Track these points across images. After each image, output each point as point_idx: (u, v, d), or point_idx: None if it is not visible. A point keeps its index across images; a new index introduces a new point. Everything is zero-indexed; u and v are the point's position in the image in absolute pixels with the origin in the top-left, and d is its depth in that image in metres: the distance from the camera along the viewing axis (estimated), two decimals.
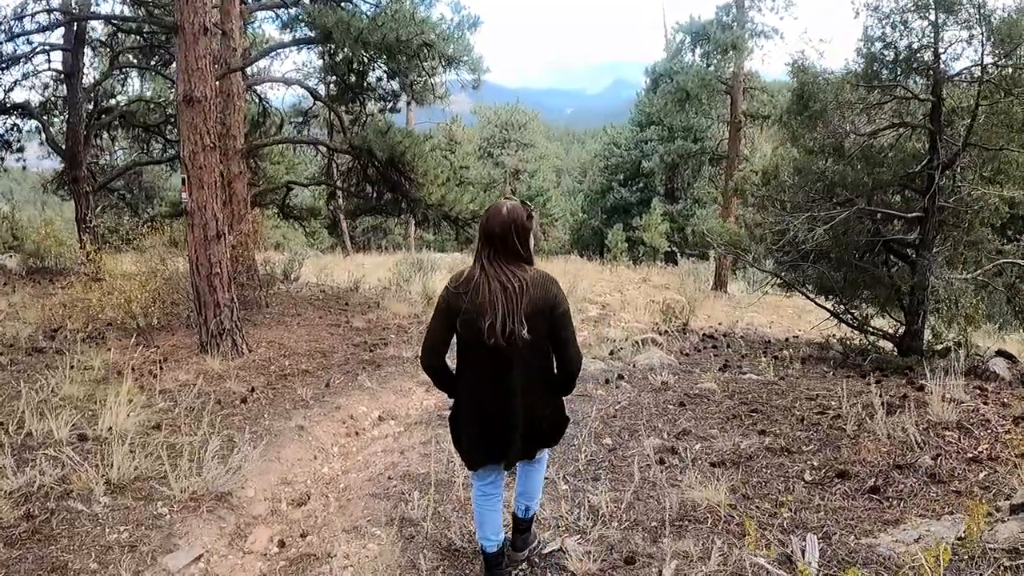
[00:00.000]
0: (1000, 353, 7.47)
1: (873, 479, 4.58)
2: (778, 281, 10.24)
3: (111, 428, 5.45)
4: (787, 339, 11.15)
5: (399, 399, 7.24)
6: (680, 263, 24.44)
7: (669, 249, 29.01)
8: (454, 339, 3.20)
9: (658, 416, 6.06)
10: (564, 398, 3.45)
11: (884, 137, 8.23)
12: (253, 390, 6.93)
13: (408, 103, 16.72)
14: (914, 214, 7.89)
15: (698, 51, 18.69)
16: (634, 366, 8.03)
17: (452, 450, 4.54)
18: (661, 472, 4.75)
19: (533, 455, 3.39)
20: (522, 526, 3.69)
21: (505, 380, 3.09)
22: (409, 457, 5.37)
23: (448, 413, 3.62)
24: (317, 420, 6.28)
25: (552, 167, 42.00)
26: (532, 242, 3.21)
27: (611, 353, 9.00)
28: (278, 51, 22.32)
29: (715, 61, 17.99)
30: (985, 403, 5.71)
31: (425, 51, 10.39)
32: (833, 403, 6.19)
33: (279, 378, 7.48)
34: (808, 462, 4.93)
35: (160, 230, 11.75)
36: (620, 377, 7.37)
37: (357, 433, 6.31)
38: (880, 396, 5.99)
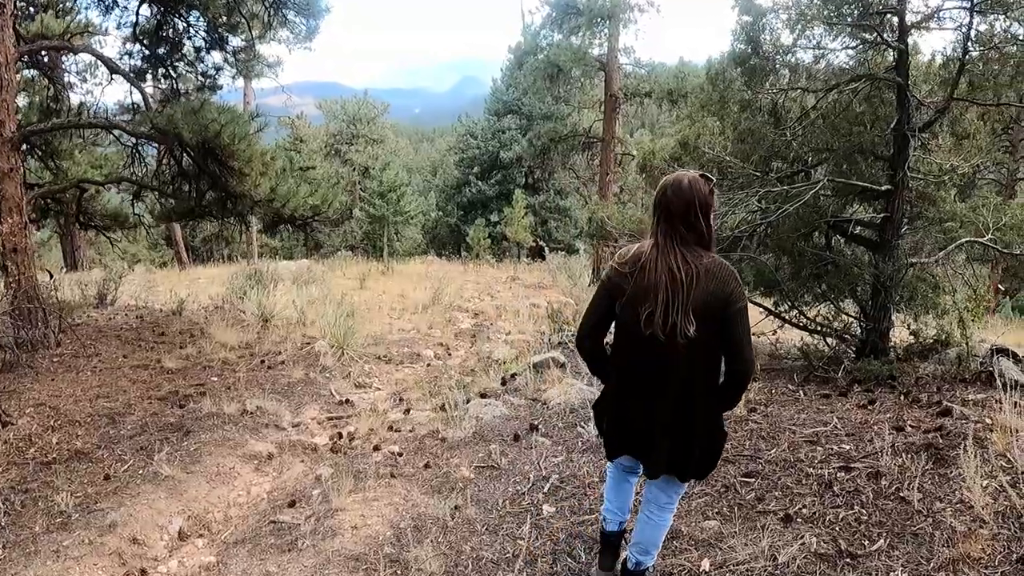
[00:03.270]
0: (999, 351, 5.87)
1: None
2: None
3: None
4: None
5: (215, 489, 4.84)
6: (548, 258, 22.75)
7: (535, 243, 27.32)
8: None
9: None
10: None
11: (844, 94, 6.54)
12: None
13: (234, 77, 13.71)
14: (885, 187, 6.23)
15: (566, 26, 16.80)
16: (546, 405, 5.85)
17: None
18: None
19: (684, 476, 2.85)
20: None
21: (658, 380, 2.67)
22: None
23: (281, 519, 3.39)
24: (77, 554, 3.78)
25: (404, 164, 39.65)
26: (714, 222, 2.69)
27: (503, 383, 6.81)
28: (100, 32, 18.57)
29: (585, 34, 16.18)
30: None
31: None
32: (846, 447, 4.36)
33: (39, 469, 4.89)
34: (892, 573, 2.96)
35: None
36: (534, 428, 5.17)
37: (143, 571, 3.78)
38: (904, 430, 4.42)
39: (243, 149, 9.51)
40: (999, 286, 6.88)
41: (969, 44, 5.76)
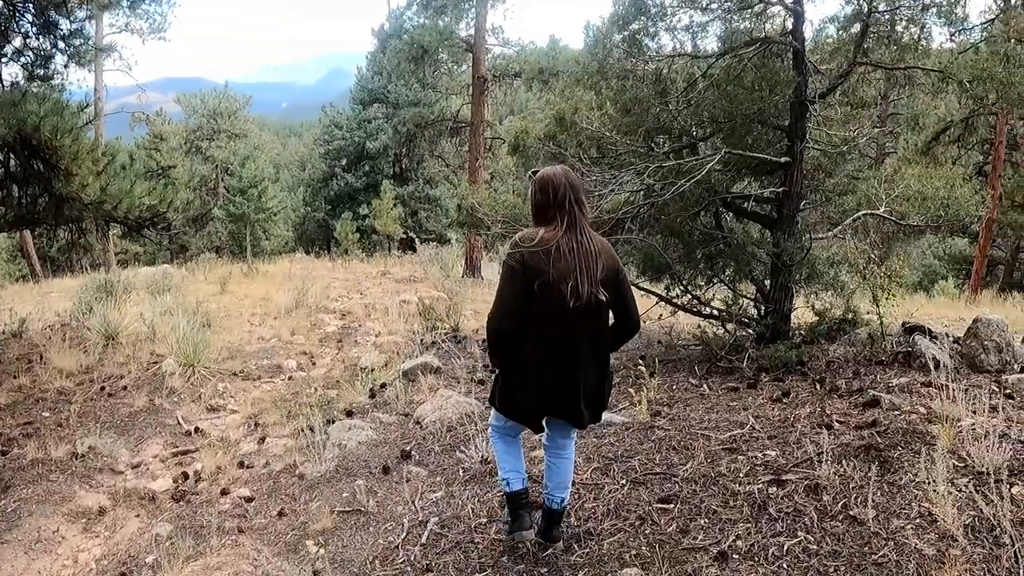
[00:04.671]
0: (913, 329, 5.49)
1: None
2: None
3: None
4: None
5: (35, 561, 3.93)
6: (420, 249, 21.79)
7: (405, 235, 26.27)
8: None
9: (508, 554, 3.12)
10: None
11: (737, 58, 6.08)
12: None
13: (66, 65, 12.00)
14: (784, 159, 5.76)
15: (432, 6, 15.84)
16: (419, 424, 5.00)
17: None
18: None
19: (584, 423, 3.06)
20: (557, 517, 3.22)
21: (576, 345, 2.92)
22: None
23: None
24: None
25: (269, 159, 37.48)
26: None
27: (372, 395, 5.92)
28: None
29: (452, 14, 15.28)
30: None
31: None
32: (772, 453, 3.77)
33: None
34: None
35: None
36: (405, 456, 4.31)
37: None
38: (832, 428, 3.92)
39: (68, 144, 8.12)
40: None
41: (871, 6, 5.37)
